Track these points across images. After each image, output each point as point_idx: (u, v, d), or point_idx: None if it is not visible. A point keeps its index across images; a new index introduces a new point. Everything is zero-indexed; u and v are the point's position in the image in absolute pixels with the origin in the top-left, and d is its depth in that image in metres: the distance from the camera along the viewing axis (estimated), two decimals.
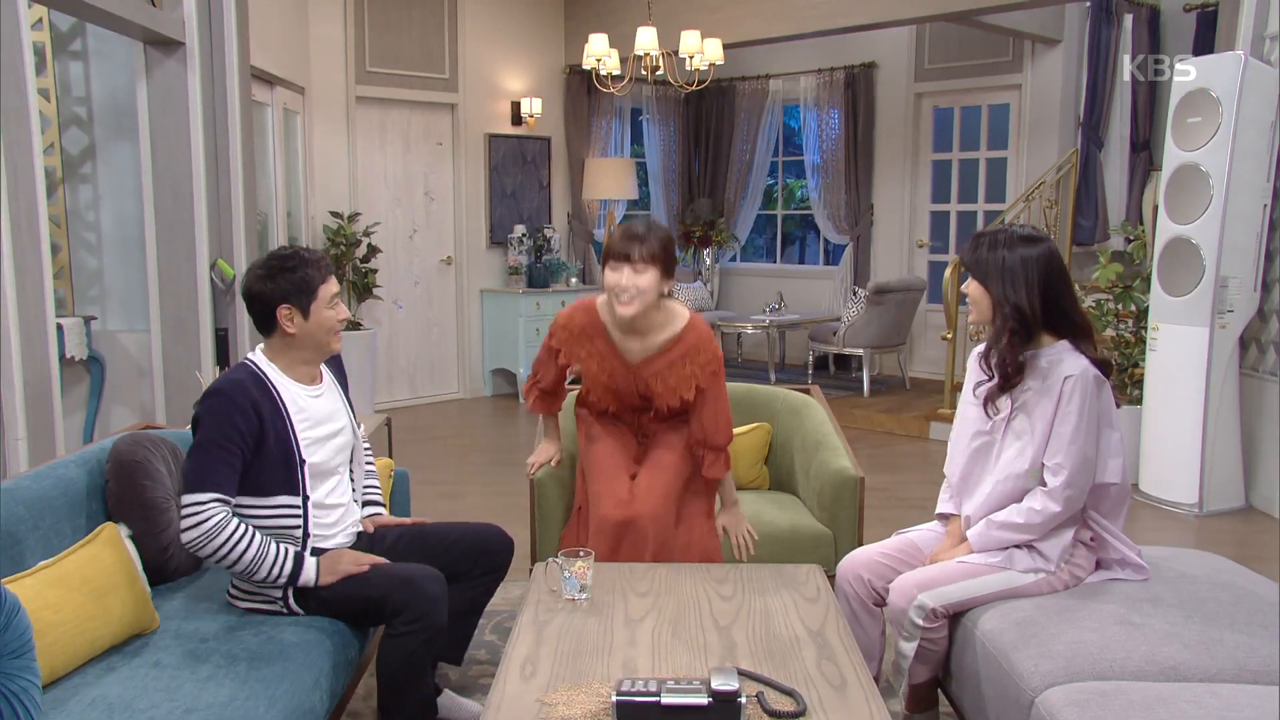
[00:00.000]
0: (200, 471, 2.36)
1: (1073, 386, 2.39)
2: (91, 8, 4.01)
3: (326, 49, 7.39)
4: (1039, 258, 2.42)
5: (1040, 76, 7.85)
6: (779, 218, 10.10)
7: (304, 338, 2.51)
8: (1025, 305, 2.40)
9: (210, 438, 2.37)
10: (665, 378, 2.87)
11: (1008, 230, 2.48)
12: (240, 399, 2.40)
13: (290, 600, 2.46)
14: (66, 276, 4.91)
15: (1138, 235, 5.93)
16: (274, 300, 2.46)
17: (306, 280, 2.47)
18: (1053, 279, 2.42)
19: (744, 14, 7.46)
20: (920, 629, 2.42)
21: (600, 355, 2.89)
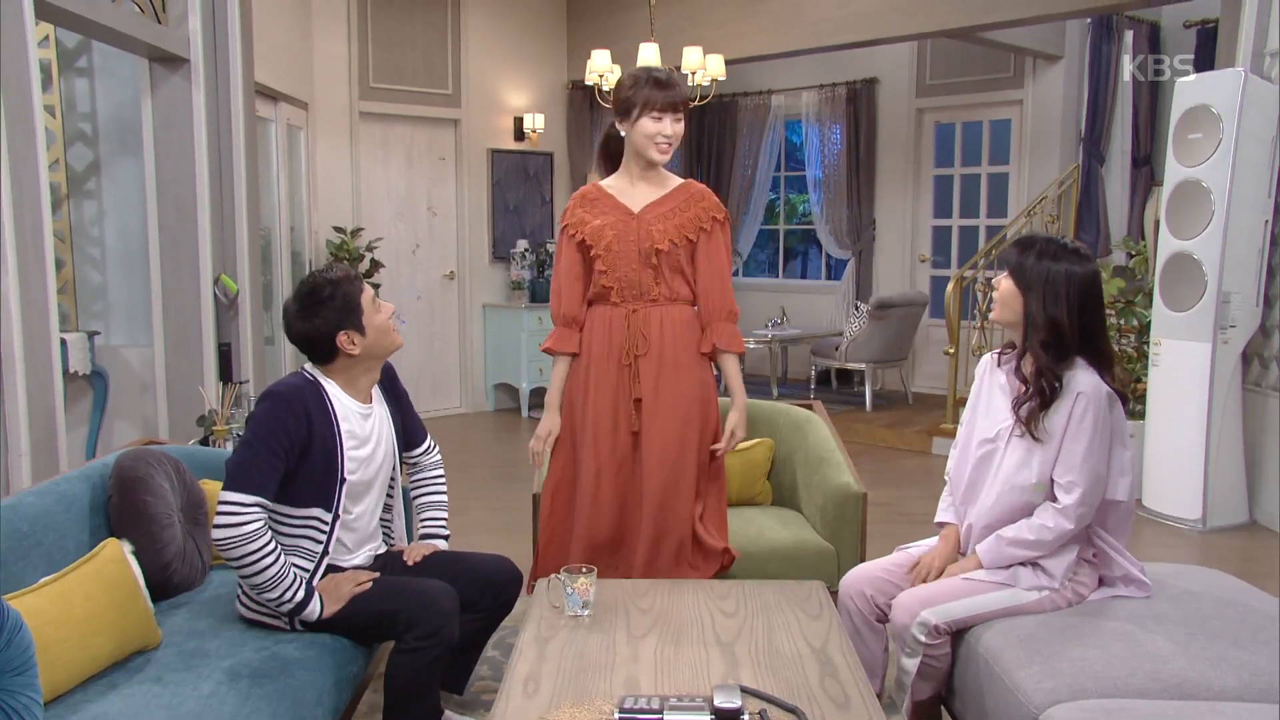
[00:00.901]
0: (246, 470, 2.35)
1: (1085, 404, 2.38)
2: (97, 25, 4.03)
3: (330, 65, 7.43)
4: (1083, 277, 2.40)
5: (1041, 92, 7.87)
6: (781, 232, 10.12)
7: (370, 347, 2.53)
8: (1063, 321, 2.38)
9: (260, 437, 2.38)
10: (667, 219, 2.87)
11: (1057, 241, 2.46)
12: (296, 404, 2.41)
13: (296, 623, 2.46)
14: (70, 291, 4.93)
15: (1139, 250, 5.94)
16: (330, 333, 2.47)
17: (348, 299, 2.48)
18: (1089, 302, 2.41)
19: (746, 30, 7.50)
20: (923, 645, 2.41)
21: (604, 210, 2.90)
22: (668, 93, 2.79)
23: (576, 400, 2.94)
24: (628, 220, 2.88)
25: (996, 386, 2.58)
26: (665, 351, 2.89)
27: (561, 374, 2.98)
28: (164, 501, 2.66)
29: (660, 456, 2.88)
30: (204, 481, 2.91)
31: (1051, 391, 2.40)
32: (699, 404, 2.92)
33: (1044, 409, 2.41)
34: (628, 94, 2.83)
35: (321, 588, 2.47)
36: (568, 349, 2.95)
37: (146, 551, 2.58)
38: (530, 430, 7.63)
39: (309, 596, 2.42)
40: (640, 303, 2.89)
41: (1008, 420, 2.50)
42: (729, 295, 2.94)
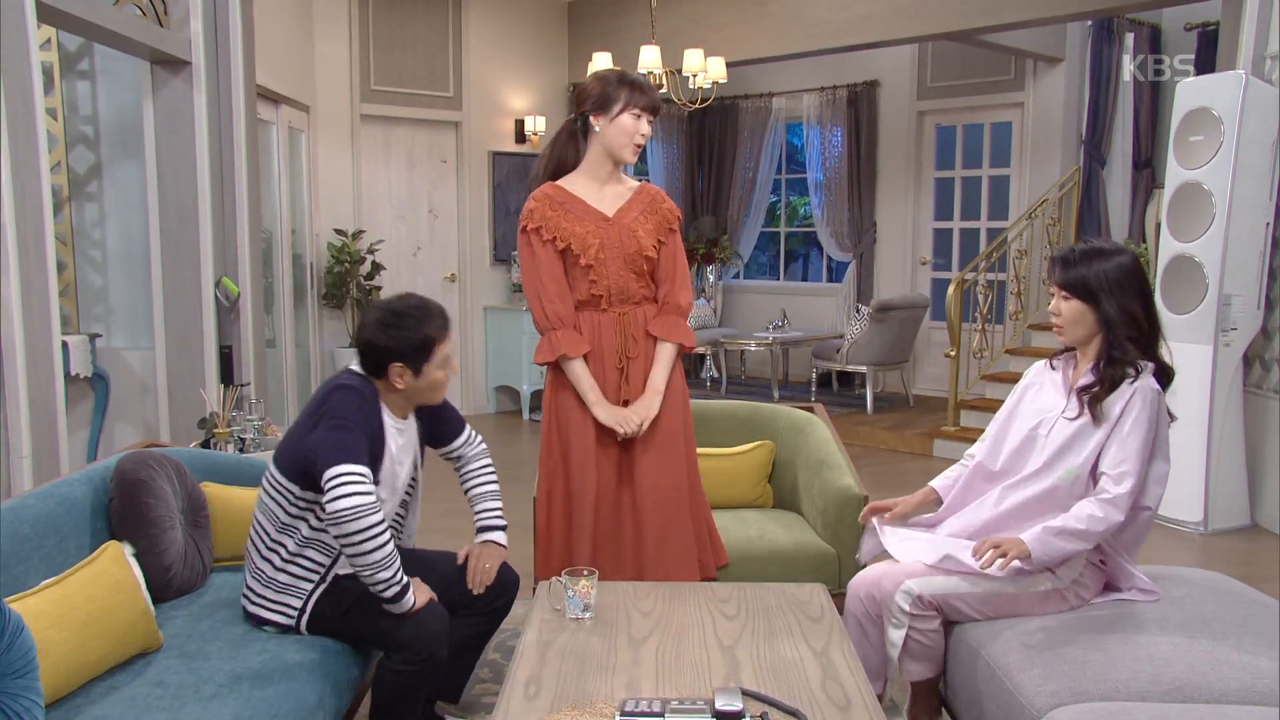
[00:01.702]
0: (349, 444, 2.32)
1: (1145, 399, 2.38)
2: (99, 28, 4.04)
3: (331, 67, 7.43)
4: (1132, 263, 2.43)
5: (1042, 95, 7.88)
6: (782, 235, 10.12)
7: (411, 393, 2.50)
8: (1137, 311, 2.41)
9: (352, 420, 2.36)
10: (643, 223, 2.92)
11: (1091, 244, 2.48)
12: (371, 402, 2.43)
13: (302, 623, 2.46)
14: (72, 294, 4.93)
15: (1140, 253, 5.94)
16: (388, 356, 2.43)
17: (426, 341, 2.44)
18: (1145, 285, 2.45)
19: (747, 33, 7.50)
20: (908, 616, 2.41)
21: (579, 215, 2.89)
22: (649, 96, 2.86)
23: (569, 405, 2.94)
24: (606, 226, 2.90)
25: (1048, 384, 2.59)
26: (651, 352, 2.95)
27: (586, 369, 2.91)
28: (165, 504, 2.66)
29: (655, 454, 2.91)
30: (205, 484, 2.91)
31: (1124, 377, 2.40)
32: (681, 396, 3.01)
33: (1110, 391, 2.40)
34: (608, 89, 2.85)
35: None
36: (584, 349, 2.90)
37: (148, 554, 2.58)
38: (531, 431, 7.63)
39: (409, 587, 2.39)
40: (627, 305, 2.94)
41: (1056, 408, 2.50)
42: (687, 291, 3.00)
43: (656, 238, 2.93)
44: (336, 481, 2.29)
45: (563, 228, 2.88)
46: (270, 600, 2.47)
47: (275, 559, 2.49)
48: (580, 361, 2.90)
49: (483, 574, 2.67)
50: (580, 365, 2.90)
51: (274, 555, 2.49)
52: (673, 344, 2.96)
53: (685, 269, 3.03)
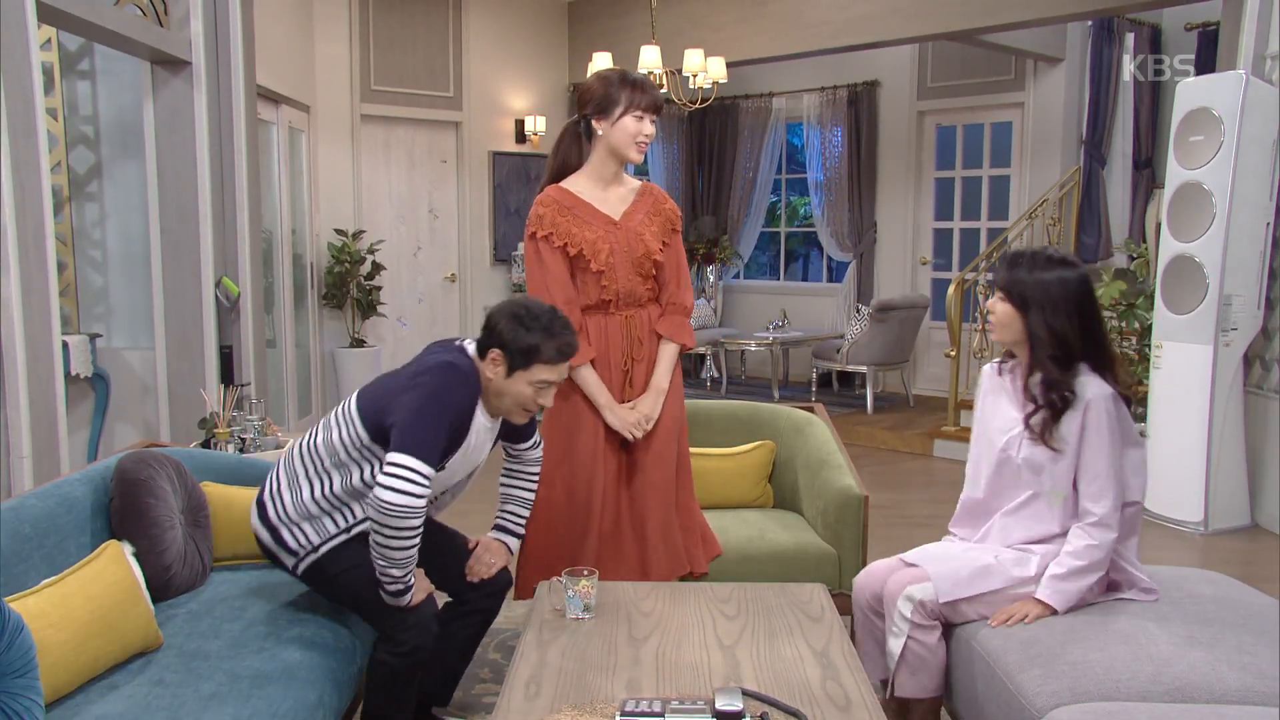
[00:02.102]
0: (432, 439, 2.30)
1: (1097, 411, 2.37)
2: (99, 28, 4.04)
3: (331, 68, 7.44)
4: (1076, 281, 2.40)
5: (1042, 95, 7.87)
6: (782, 235, 10.12)
7: (494, 392, 2.44)
8: (1066, 331, 2.38)
9: (443, 408, 2.33)
10: (649, 225, 2.92)
11: (1044, 252, 2.46)
12: (474, 391, 2.40)
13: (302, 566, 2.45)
14: (72, 294, 4.93)
15: (1141, 253, 5.94)
16: (497, 341, 2.40)
17: (534, 348, 2.37)
18: (1086, 305, 2.41)
19: (747, 33, 7.50)
20: (908, 623, 2.40)
21: (586, 219, 2.88)
22: (650, 95, 2.85)
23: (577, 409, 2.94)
24: (614, 230, 2.90)
25: (1002, 393, 2.58)
26: (655, 353, 2.98)
27: (596, 376, 2.91)
28: (165, 504, 2.66)
29: (654, 453, 2.94)
30: (205, 484, 2.91)
31: (1064, 403, 2.39)
32: (679, 398, 3.03)
33: (1056, 420, 2.41)
34: (609, 91, 2.84)
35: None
36: (589, 356, 2.90)
37: (148, 553, 2.59)
38: None
39: (408, 590, 2.39)
40: (633, 307, 2.95)
41: (1017, 427, 2.50)
42: (689, 291, 3.03)
43: (661, 240, 2.94)
44: (398, 472, 2.26)
45: (573, 233, 2.87)
46: (292, 519, 2.45)
47: (318, 486, 2.45)
48: (588, 367, 2.90)
49: (485, 567, 2.66)
50: (589, 370, 2.90)
51: (319, 481, 2.46)
52: (676, 344, 2.97)
53: (687, 269, 3.06)
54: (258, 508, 2.51)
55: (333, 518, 2.46)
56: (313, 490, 2.46)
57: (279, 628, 2.46)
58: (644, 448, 2.95)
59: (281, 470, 2.53)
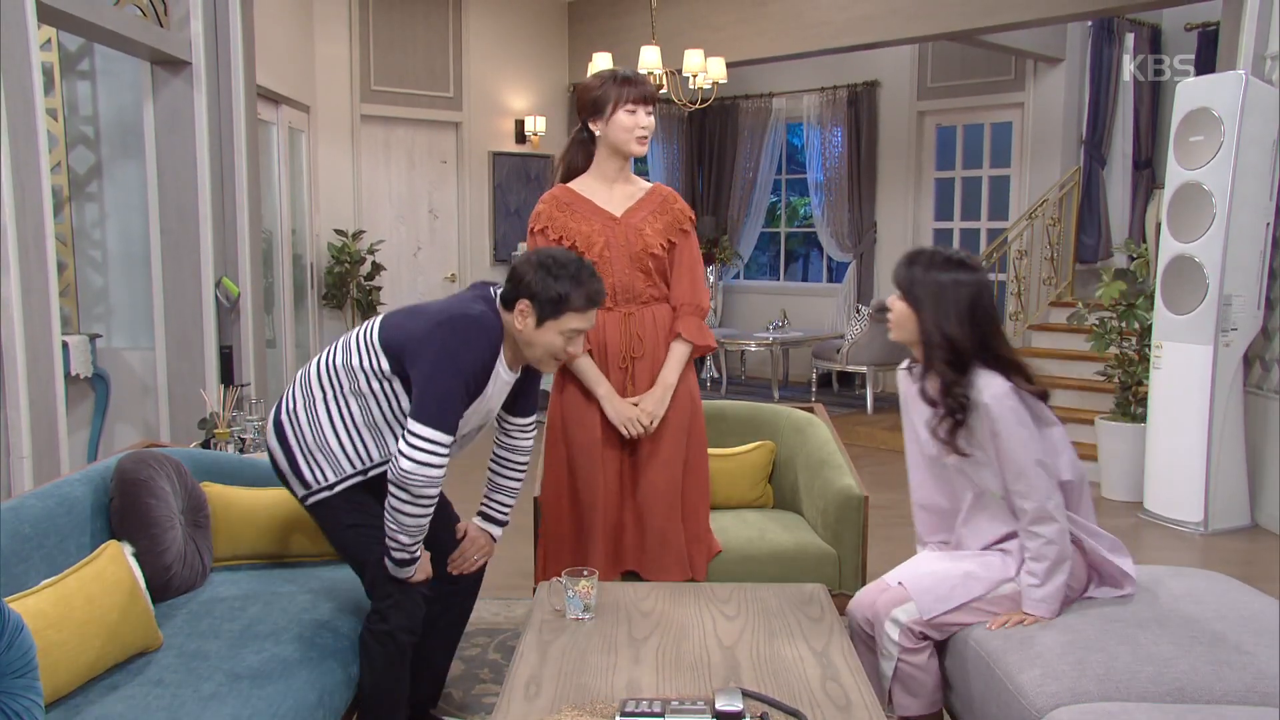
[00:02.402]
0: (452, 407, 2.31)
1: (1000, 410, 2.31)
2: (99, 28, 4.04)
3: (331, 68, 7.44)
4: (970, 285, 2.36)
5: (1042, 95, 7.88)
6: (782, 235, 10.12)
7: (524, 343, 2.41)
8: (957, 335, 2.34)
9: (465, 374, 2.32)
10: (652, 223, 2.90)
11: (944, 252, 2.41)
12: (494, 343, 2.37)
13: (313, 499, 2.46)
14: (72, 294, 4.93)
15: (1141, 253, 5.93)
16: (524, 290, 2.35)
17: (563, 296, 2.33)
18: (979, 311, 2.36)
19: (747, 33, 7.50)
20: (897, 646, 2.40)
21: (585, 215, 2.87)
22: (639, 87, 2.84)
23: (575, 405, 2.93)
24: (613, 225, 2.89)
25: (917, 399, 2.52)
26: (659, 352, 2.94)
27: (593, 365, 2.89)
28: (165, 504, 2.66)
29: (661, 454, 2.91)
30: (205, 484, 2.91)
31: (961, 407, 2.35)
32: (689, 400, 2.99)
33: (960, 426, 2.37)
34: (598, 93, 2.85)
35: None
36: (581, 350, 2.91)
37: (147, 554, 2.58)
38: None
39: (413, 562, 2.40)
40: (633, 305, 2.93)
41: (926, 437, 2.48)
42: (703, 293, 2.99)
43: (666, 237, 2.92)
44: (418, 443, 2.28)
45: (569, 227, 2.87)
46: (310, 449, 2.44)
47: (336, 412, 2.43)
48: (587, 359, 2.89)
49: (469, 564, 2.68)
50: (587, 362, 2.89)
51: (337, 408, 2.44)
52: (688, 344, 2.94)
53: (701, 270, 3.01)
54: (275, 428, 2.49)
55: (349, 456, 2.44)
56: (330, 416, 2.44)
57: (279, 628, 2.46)
58: (648, 448, 2.92)
59: (298, 389, 2.50)
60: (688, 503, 2.99)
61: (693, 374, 3.03)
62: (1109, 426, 5.69)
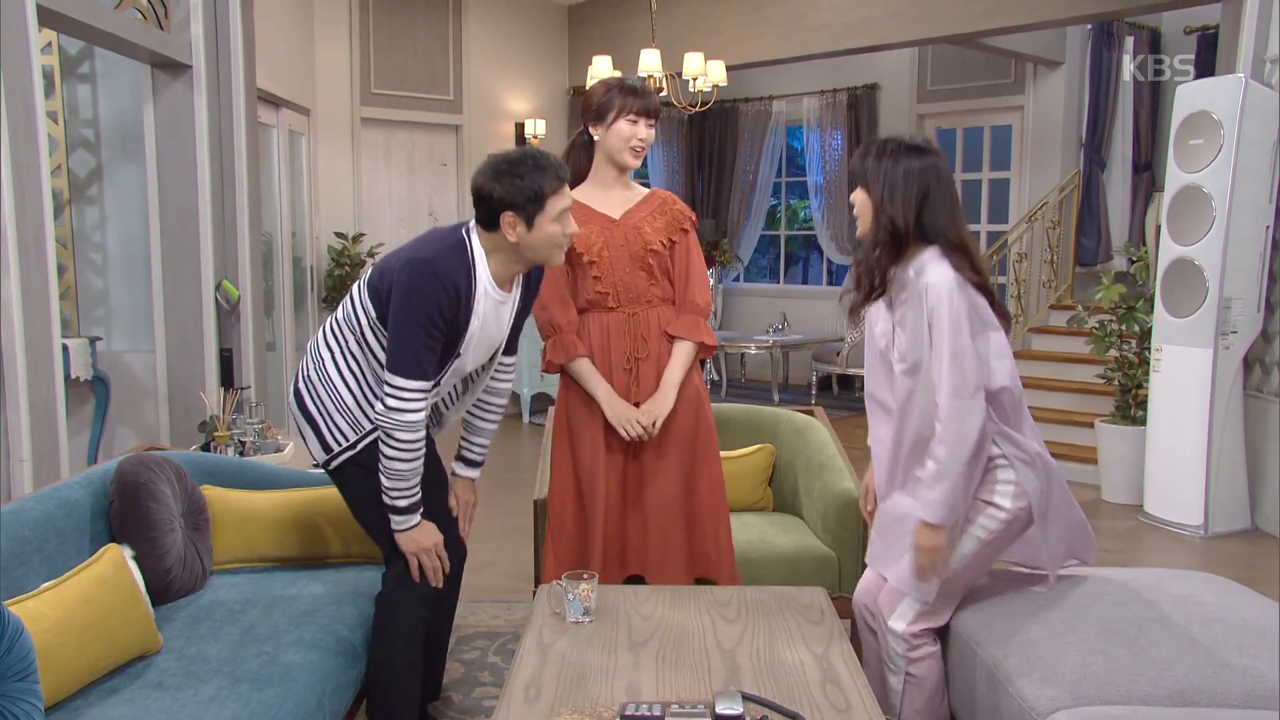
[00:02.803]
0: (415, 354, 2.33)
1: (936, 296, 2.28)
2: (100, 31, 4.04)
3: (332, 71, 7.44)
4: (921, 170, 2.33)
5: (1042, 98, 7.88)
6: (782, 238, 10.13)
7: (526, 249, 2.40)
8: (899, 218, 2.32)
9: (422, 320, 2.32)
10: (651, 222, 2.90)
11: (897, 140, 2.39)
12: (448, 283, 2.35)
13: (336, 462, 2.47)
14: (72, 297, 4.93)
15: (1140, 256, 5.94)
16: (501, 205, 2.35)
17: (536, 190, 2.34)
18: (931, 194, 2.33)
19: (747, 36, 7.51)
20: (904, 659, 2.42)
21: (585, 219, 2.85)
22: (644, 100, 2.84)
23: (578, 408, 2.92)
24: (611, 226, 2.89)
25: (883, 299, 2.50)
26: (664, 353, 2.90)
27: (591, 368, 2.87)
28: (165, 507, 2.66)
29: (666, 457, 2.89)
30: (205, 487, 2.91)
31: (871, 288, 2.35)
32: (694, 403, 2.93)
33: (866, 303, 2.39)
34: (603, 99, 2.85)
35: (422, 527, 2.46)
36: (576, 353, 2.87)
37: (147, 557, 2.58)
38: (531, 435, 7.63)
39: (419, 506, 2.42)
40: (638, 305, 2.90)
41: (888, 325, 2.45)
42: (704, 291, 2.96)
43: (666, 236, 2.90)
44: (392, 392, 2.33)
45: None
46: (328, 410, 2.47)
47: (346, 370, 2.47)
48: (585, 361, 2.87)
49: (471, 510, 2.76)
50: (585, 365, 2.87)
51: (345, 363, 2.47)
52: (691, 343, 2.91)
53: (702, 269, 2.98)
54: (295, 399, 2.52)
55: (366, 412, 2.46)
56: (341, 374, 2.48)
57: (279, 631, 2.46)
58: (654, 450, 2.88)
59: (310, 356, 2.55)
60: (705, 507, 2.93)
61: (698, 375, 2.99)
62: (1109, 429, 5.69)
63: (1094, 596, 2.48)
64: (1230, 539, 4.97)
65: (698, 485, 2.93)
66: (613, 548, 2.91)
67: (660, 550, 2.90)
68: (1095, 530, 2.63)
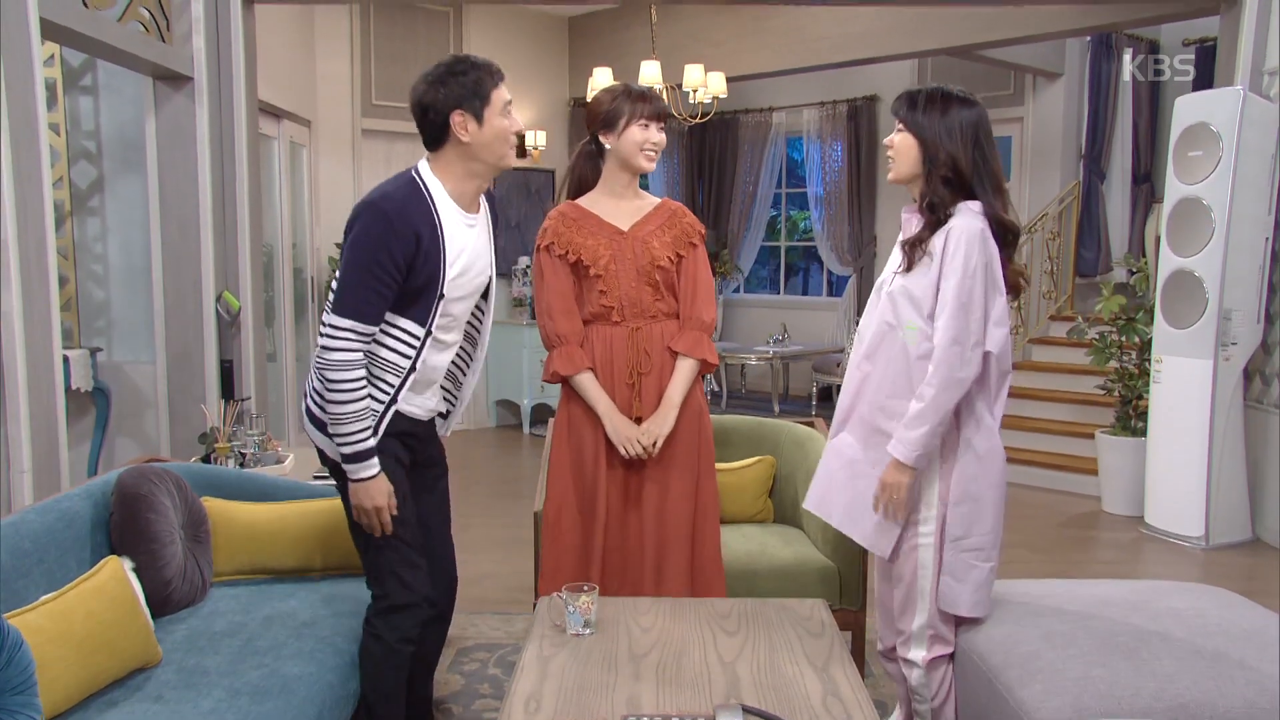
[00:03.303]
0: (354, 295, 2.30)
1: (958, 239, 2.34)
2: (103, 44, 4.06)
3: (332, 82, 7.46)
4: (974, 117, 2.42)
5: (1042, 109, 7.90)
6: (782, 249, 10.14)
7: (479, 147, 2.39)
8: (960, 157, 2.38)
9: (367, 261, 2.30)
10: (660, 235, 2.89)
11: (943, 89, 2.47)
12: (401, 225, 2.31)
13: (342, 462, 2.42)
14: (73, 308, 4.94)
15: (1140, 267, 5.95)
16: (447, 107, 2.34)
17: (479, 84, 2.35)
18: (982, 138, 2.42)
19: (747, 48, 7.53)
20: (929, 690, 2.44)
21: (592, 230, 2.87)
22: (653, 103, 2.85)
23: (579, 422, 2.92)
24: (619, 239, 2.88)
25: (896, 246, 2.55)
26: (666, 368, 2.88)
27: (594, 382, 2.86)
28: (165, 519, 2.66)
29: (666, 474, 2.87)
30: (206, 499, 2.91)
31: (938, 222, 2.38)
32: (696, 418, 2.91)
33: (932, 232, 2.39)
34: (612, 106, 2.84)
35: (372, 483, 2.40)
36: (582, 366, 2.86)
37: (147, 569, 2.58)
38: (531, 445, 7.63)
39: (370, 455, 2.37)
40: (642, 319, 2.88)
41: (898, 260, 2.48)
42: (709, 307, 2.93)
43: (674, 250, 2.89)
44: (327, 331, 2.31)
45: (575, 242, 2.86)
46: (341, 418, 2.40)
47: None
48: (588, 375, 2.86)
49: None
50: (588, 379, 2.86)
51: None
52: (693, 360, 2.88)
53: (708, 285, 2.96)
54: (307, 415, 2.49)
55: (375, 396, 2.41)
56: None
57: (278, 643, 2.46)
58: (653, 470, 2.87)
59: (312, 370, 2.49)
60: (707, 524, 2.92)
61: (699, 392, 2.97)
62: (1109, 440, 5.69)
63: (1096, 609, 2.48)
64: (1231, 550, 4.96)
65: (699, 501, 2.92)
66: (613, 562, 2.90)
67: (657, 567, 2.88)
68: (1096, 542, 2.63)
